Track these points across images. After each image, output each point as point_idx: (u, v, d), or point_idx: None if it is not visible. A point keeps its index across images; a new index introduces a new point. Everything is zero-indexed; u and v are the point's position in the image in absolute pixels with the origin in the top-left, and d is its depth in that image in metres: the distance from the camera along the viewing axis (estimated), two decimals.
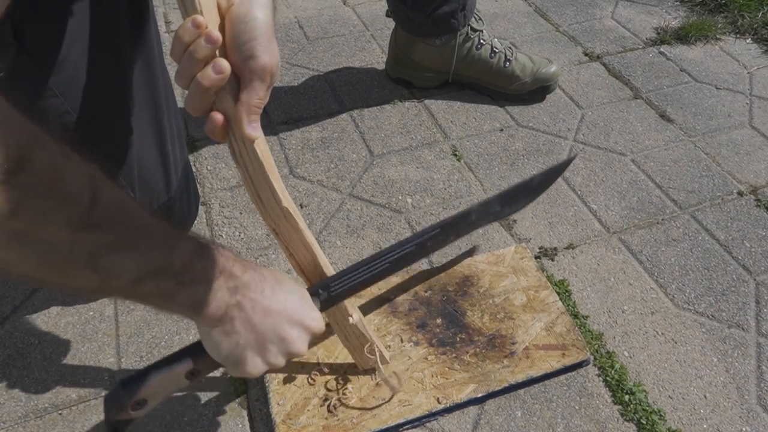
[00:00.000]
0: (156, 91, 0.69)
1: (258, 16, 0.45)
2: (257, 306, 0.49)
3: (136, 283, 0.41)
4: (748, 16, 1.40)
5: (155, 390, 0.51)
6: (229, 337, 0.49)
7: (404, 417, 0.66)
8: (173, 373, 0.51)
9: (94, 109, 0.61)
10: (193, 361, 0.52)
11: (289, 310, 0.52)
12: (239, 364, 0.50)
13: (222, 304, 0.47)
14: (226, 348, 0.49)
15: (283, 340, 0.51)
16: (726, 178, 1.02)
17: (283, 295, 0.52)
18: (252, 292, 0.49)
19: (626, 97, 1.20)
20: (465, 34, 1.11)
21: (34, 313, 0.78)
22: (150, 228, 0.42)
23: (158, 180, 0.71)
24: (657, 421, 0.69)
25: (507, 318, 0.77)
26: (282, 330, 0.51)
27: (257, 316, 0.49)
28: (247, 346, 0.49)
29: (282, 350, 0.52)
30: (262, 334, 0.50)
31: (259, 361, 0.51)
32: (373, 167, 1.02)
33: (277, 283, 0.52)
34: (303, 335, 0.53)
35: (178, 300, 0.45)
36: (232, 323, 0.48)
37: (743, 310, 0.81)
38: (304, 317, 0.53)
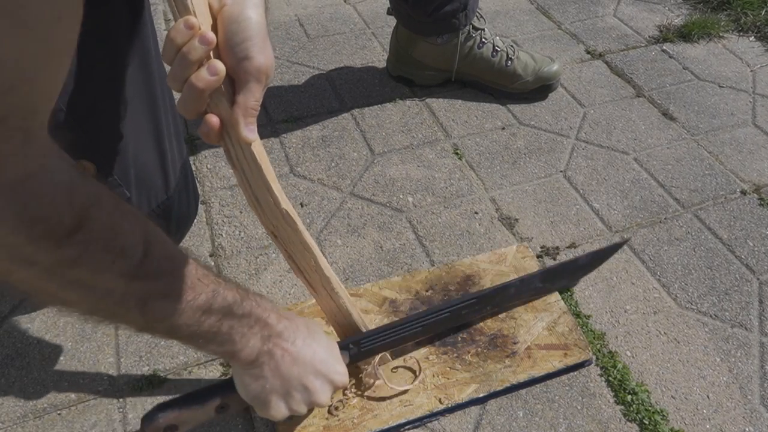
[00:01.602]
0: (153, 89, 0.68)
1: (251, 16, 0.45)
2: (287, 355, 0.53)
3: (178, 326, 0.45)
4: (752, 14, 1.39)
5: (186, 418, 0.56)
6: (257, 381, 0.52)
7: (405, 417, 0.66)
8: (205, 407, 0.56)
9: (88, 107, 0.61)
10: (223, 398, 0.57)
11: (316, 362, 0.55)
12: (264, 407, 0.54)
13: (254, 350, 0.51)
14: (253, 390, 0.53)
15: (307, 390, 0.54)
16: (729, 177, 1.01)
17: (313, 346, 0.55)
18: (284, 341, 0.53)
19: (629, 95, 1.19)
20: (467, 32, 1.11)
21: (33, 312, 0.77)
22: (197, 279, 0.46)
23: (156, 178, 0.70)
24: (659, 422, 0.68)
25: (509, 317, 0.76)
26: (307, 380, 0.54)
27: (286, 365, 0.53)
28: (273, 391, 0.53)
29: (305, 399, 0.55)
30: (288, 382, 0.53)
31: (283, 407, 0.54)
32: (374, 166, 1.02)
33: (309, 335, 0.56)
34: (326, 387, 0.56)
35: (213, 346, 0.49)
36: (261, 368, 0.52)
37: (746, 310, 0.81)
38: (330, 371, 0.56)
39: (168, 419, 0.55)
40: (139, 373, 0.71)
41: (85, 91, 0.60)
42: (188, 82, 0.45)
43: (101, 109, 0.63)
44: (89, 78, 0.60)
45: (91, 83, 0.60)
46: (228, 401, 0.57)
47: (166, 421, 0.55)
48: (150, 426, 0.55)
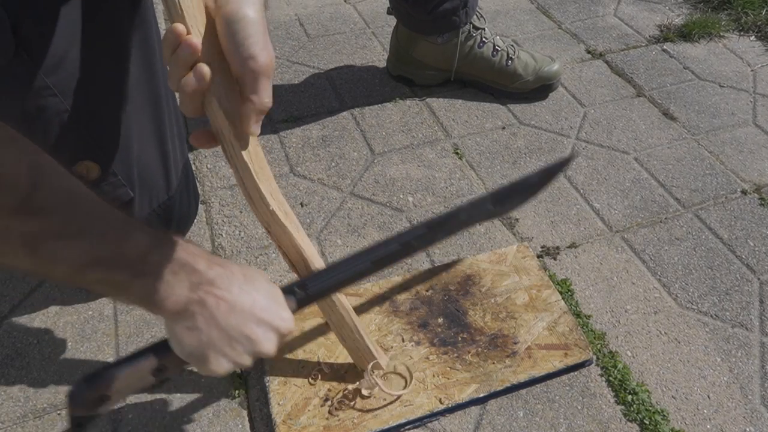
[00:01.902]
0: (156, 90, 0.68)
1: (249, 14, 0.45)
2: (222, 303, 0.48)
3: (81, 271, 0.40)
4: (752, 13, 1.39)
5: (119, 386, 0.49)
6: (191, 334, 0.47)
7: (405, 417, 0.66)
8: (138, 370, 0.50)
9: (93, 108, 0.61)
10: (158, 358, 0.50)
11: (256, 308, 0.50)
12: (203, 362, 0.49)
13: (181, 298, 0.46)
14: (188, 344, 0.48)
15: (249, 340, 0.50)
16: (730, 177, 1.01)
17: (252, 293, 0.50)
18: (217, 288, 0.48)
19: (629, 95, 1.19)
20: (467, 32, 1.11)
21: (33, 312, 0.77)
22: (101, 217, 0.41)
23: (158, 179, 0.70)
24: (660, 422, 0.68)
25: (509, 317, 0.76)
26: (248, 329, 0.50)
27: (222, 314, 0.48)
28: (210, 344, 0.48)
29: (248, 350, 0.50)
30: (226, 332, 0.48)
31: (224, 360, 0.49)
32: (374, 166, 1.02)
33: (247, 281, 0.51)
34: (270, 335, 0.51)
35: (132, 292, 0.44)
36: (194, 319, 0.47)
37: (747, 310, 0.81)
38: (273, 317, 0.51)
39: (98, 390, 0.48)
40: None
41: (89, 92, 0.60)
42: (179, 85, 0.46)
43: (105, 110, 0.63)
44: (93, 79, 0.60)
45: (95, 84, 0.60)
46: (165, 362, 0.51)
47: (97, 392, 0.48)
48: (78, 401, 0.49)
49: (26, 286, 0.80)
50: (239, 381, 0.71)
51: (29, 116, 0.57)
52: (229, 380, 0.71)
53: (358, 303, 0.77)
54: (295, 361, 0.70)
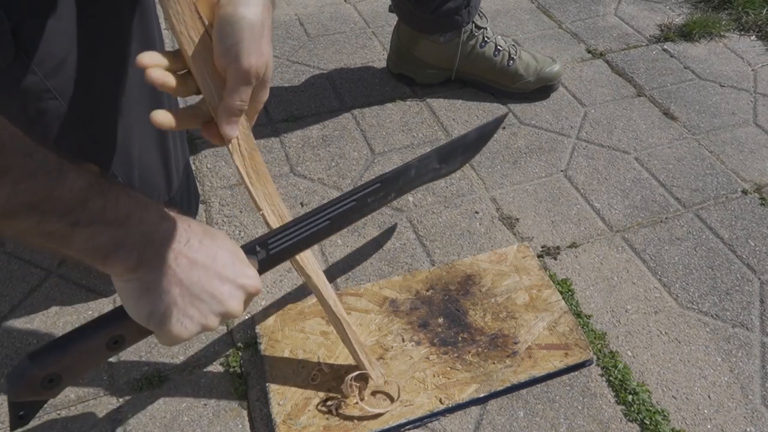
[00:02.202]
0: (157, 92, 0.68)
1: (245, 15, 0.44)
2: (181, 257, 0.44)
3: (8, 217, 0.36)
4: (753, 13, 1.39)
5: (71, 363, 0.44)
6: (148, 293, 0.43)
7: (406, 417, 0.66)
8: (93, 341, 0.44)
9: (93, 110, 0.61)
10: (113, 328, 0.45)
11: (220, 264, 0.46)
12: (165, 325, 0.44)
13: (133, 252, 0.41)
14: (146, 306, 0.43)
15: (214, 297, 0.45)
16: (730, 177, 1.01)
17: (213, 248, 0.46)
18: (174, 242, 0.44)
19: (629, 94, 1.19)
20: (469, 31, 1.10)
21: (33, 312, 0.77)
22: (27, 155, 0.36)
23: (159, 179, 0.70)
24: (660, 422, 0.68)
25: (509, 317, 0.76)
26: (212, 286, 0.45)
27: (181, 269, 0.43)
28: (171, 303, 0.43)
29: (214, 309, 0.46)
30: (188, 289, 0.44)
31: (188, 322, 0.45)
32: (375, 165, 1.01)
33: (207, 235, 0.47)
34: (237, 293, 0.47)
35: (75, 244, 0.39)
36: (150, 275, 0.42)
37: (747, 310, 0.81)
38: (237, 273, 0.47)
39: (47, 368, 0.42)
40: (138, 373, 0.71)
41: (89, 94, 0.60)
42: None
43: (105, 112, 0.63)
44: (93, 81, 0.60)
45: (95, 86, 0.60)
46: (121, 331, 0.45)
47: (45, 371, 0.42)
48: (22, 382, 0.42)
49: (26, 286, 0.80)
50: (239, 381, 0.71)
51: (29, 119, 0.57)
52: (229, 380, 0.71)
53: (358, 303, 0.77)
54: (295, 361, 0.70)
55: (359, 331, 0.74)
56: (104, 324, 0.45)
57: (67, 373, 0.44)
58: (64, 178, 0.38)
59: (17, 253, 0.84)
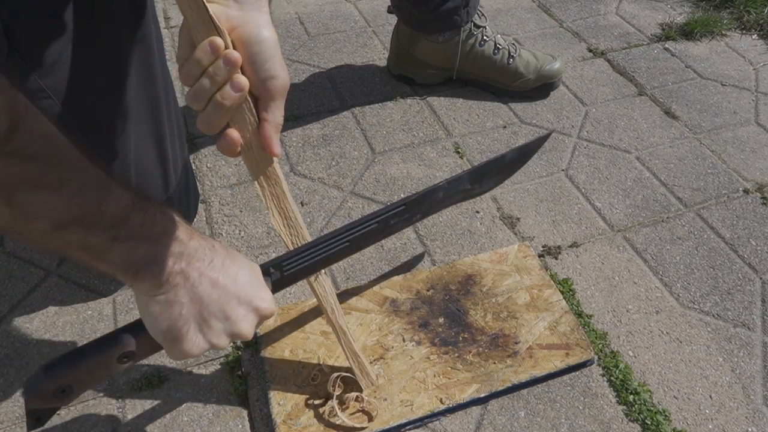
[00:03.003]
0: (155, 91, 0.68)
1: (267, 36, 0.46)
2: (204, 277, 0.45)
3: (59, 228, 0.37)
4: (754, 11, 1.39)
5: (82, 376, 0.46)
6: (171, 308, 0.44)
7: (406, 417, 0.66)
8: (104, 357, 0.46)
9: (89, 109, 0.60)
10: (126, 343, 0.47)
11: (239, 286, 0.48)
12: (178, 341, 0.46)
13: (164, 269, 0.43)
14: (166, 320, 0.45)
15: (229, 318, 0.47)
16: (732, 176, 1.01)
17: (234, 269, 0.48)
18: (199, 261, 0.45)
19: (631, 93, 1.19)
20: (468, 30, 1.10)
21: (32, 312, 0.77)
22: (82, 170, 0.38)
23: (156, 179, 0.70)
24: (662, 422, 0.68)
25: (510, 317, 0.76)
26: (229, 307, 0.47)
27: (203, 288, 0.45)
28: (189, 319, 0.45)
29: (226, 329, 0.48)
30: (207, 308, 0.46)
31: (201, 339, 0.47)
32: (375, 165, 1.01)
33: (228, 257, 0.48)
34: (250, 316, 0.49)
35: (112, 258, 0.41)
36: (175, 292, 0.44)
37: (749, 309, 0.80)
38: (254, 296, 0.49)
39: (58, 380, 0.44)
40: (138, 373, 0.71)
41: (85, 93, 0.59)
42: (213, 100, 0.46)
43: (101, 112, 0.62)
44: (90, 80, 0.59)
45: (90, 86, 0.60)
46: (132, 348, 0.47)
47: (57, 383, 0.44)
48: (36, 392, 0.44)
49: (25, 285, 0.80)
50: (239, 381, 0.71)
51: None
52: (229, 380, 0.71)
53: (359, 302, 0.77)
54: (296, 361, 0.70)
55: (359, 330, 0.73)
56: (116, 340, 0.47)
57: (78, 385, 0.46)
58: (111, 194, 0.40)
59: (17, 253, 0.84)
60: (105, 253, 0.40)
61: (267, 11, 0.48)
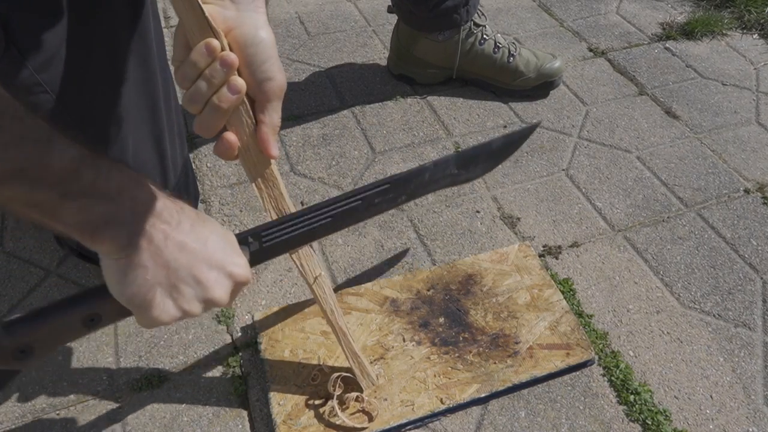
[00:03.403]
0: (154, 89, 0.68)
1: (264, 37, 0.46)
2: (171, 239, 0.43)
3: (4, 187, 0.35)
4: (755, 11, 1.39)
5: (44, 336, 0.43)
6: (134, 271, 0.42)
7: (406, 417, 0.65)
8: (68, 318, 0.44)
9: (86, 105, 0.60)
10: (92, 305, 0.45)
11: (209, 249, 0.45)
12: (146, 307, 0.43)
13: (123, 229, 0.40)
14: (130, 284, 0.42)
15: (200, 283, 0.45)
16: (732, 176, 1.01)
17: (204, 232, 0.45)
18: (165, 223, 0.43)
19: (631, 93, 1.19)
20: (468, 29, 1.10)
21: None
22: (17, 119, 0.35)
23: (154, 176, 0.70)
24: (662, 422, 0.68)
25: (510, 317, 0.76)
26: (199, 271, 0.44)
27: (170, 251, 0.43)
28: (155, 284, 0.43)
29: (198, 295, 0.45)
30: (174, 272, 0.43)
31: (170, 305, 0.44)
32: (375, 164, 1.01)
33: (199, 220, 0.46)
34: (224, 281, 0.46)
35: (64, 217, 0.38)
36: (138, 255, 0.42)
37: (750, 309, 0.80)
38: (226, 261, 0.46)
39: (19, 339, 0.42)
40: (138, 373, 0.71)
41: (83, 88, 0.59)
42: (210, 103, 0.46)
43: (99, 108, 0.62)
44: (87, 76, 0.59)
45: (88, 81, 0.59)
46: (99, 310, 0.45)
47: (17, 342, 0.42)
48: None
49: (25, 285, 0.80)
50: (239, 381, 0.71)
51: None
52: (229, 380, 0.71)
53: (359, 302, 0.77)
54: (296, 362, 0.70)
55: (360, 330, 0.73)
56: (82, 300, 0.45)
57: (40, 346, 0.44)
58: (54, 146, 0.37)
59: (16, 253, 0.84)
60: (55, 210, 0.38)
61: (264, 12, 0.47)
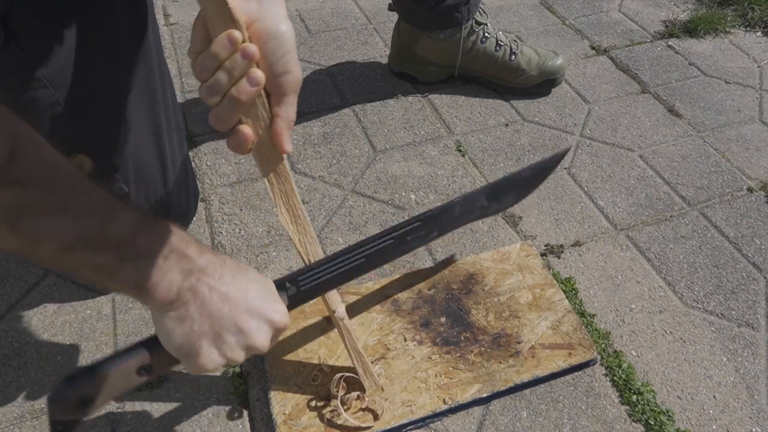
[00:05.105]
0: (153, 85, 0.67)
1: (285, 30, 0.46)
2: (214, 292, 0.46)
3: (67, 251, 0.39)
4: (759, 8, 1.38)
5: (102, 387, 0.47)
6: (182, 324, 0.46)
7: (408, 417, 0.65)
8: (123, 369, 0.48)
9: (85, 101, 0.60)
10: (144, 356, 0.48)
11: (250, 299, 0.48)
12: (193, 356, 0.47)
13: (173, 286, 0.44)
14: (179, 336, 0.46)
15: (242, 332, 0.48)
16: (735, 174, 1.00)
17: (244, 283, 0.49)
18: (209, 276, 0.46)
19: (634, 91, 1.18)
20: (469, 27, 1.09)
21: (30, 311, 0.77)
22: (85, 193, 0.39)
23: (155, 174, 0.70)
24: (665, 422, 0.68)
25: (512, 316, 0.75)
26: (241, 320, 0.48)
27: (214, 303, 0.46)
28: (201, 335, 0.46)
29: (241, 343, 0.48)
30: (219, 322, 0.47)
31: (215, 354, 0.47)
32: (376, 163, 1.01)
33: (239, 271, 0.49)
34: (264, 328, 0.49)
35: (121, 277, 0.42)
36: (186, 308, 0.45)
37: (753, 309, 0.80)
38: (266, 309, 0.49)
39: (80, 390, 0.46)
40: None
41: (83, 84, 0.59)
42: (228, 95, 0.45)
43: (99, 103, 0.62)
44: (87, 72, 0.59)
45: (87, 77, 0.59)
46: (150, 360, 0.49)
47: (79, 393, 0.46)
48: (59, 402, 0.47)
49: (24, 285, 0.80)
50: (239, 381, 0.70)
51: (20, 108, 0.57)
52: (229, 380, 0.70)
53: (359, 302, 0.76)
54: (296, 361, 0.70)
55: (360, 330, 0.73)
56: (135, 352, 0.48)
57: (99, 396, 0.47)
58: (115, 214, 0.41)
59: None
60: (114, 272, 0.42)
61: (284, 6, 0.47)
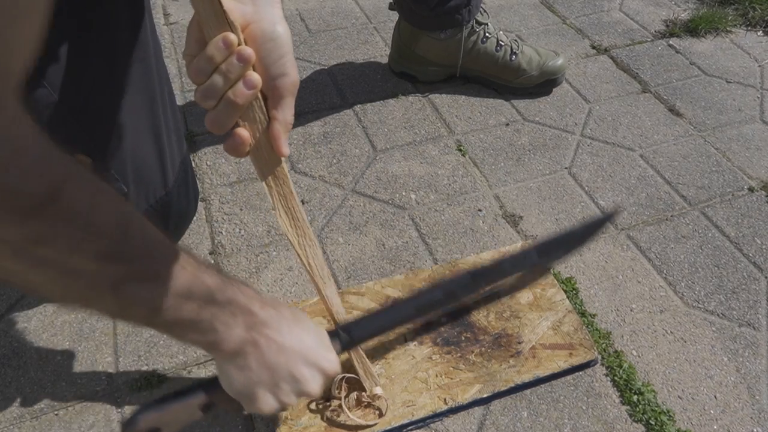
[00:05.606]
0: (151, 85, 0.67)
1: (282, 32, 0.46)
2: (272, 344, 0.50)
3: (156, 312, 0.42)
4: (760, 8, 1.38)
5: (169, 419, 0.53)
6: (242, 373, 0.50)
7: (408, 418, 0.65)
8: (188, 404, 0.53)
9: (84, 101, 0.60)
10: (208, 395, 0.54)
11: (304, 349, 0.52)
12: (251, 400, 0.51)
13: (238, 339, 0.48)
14: (238, 383, 0.50)
15: (296, 380, 0.52)
16: (736, 174, 1.00)
17: (299, 334, 0.53)
18: (268, 329, 0.50)
19: (635, 90, 1.18)
20: (470, 27, 1.09)
21: (30, 311, 0.76)
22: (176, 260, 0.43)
23: (154, 174, 0.69)
24: (666, 422, 0.67)
25: (513, 317, 0.75)
26: (295, 369, 0.51)
27: (272, 354, 0.50)
28: (259, 382, 0.50)
29: (294, 389, 0.52)
30: (275, 372, 0.50)
31: (271, 399, 0.51)
32: (376, 162, 1.00)
33: (295, 322, 0.53)
34: (316, 376, 0.53)
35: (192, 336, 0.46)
36: (246, 359, 0.49)
37: (754, 309, 0.80)
38: (319, 358, 0.53)
39: (149, 421, 0.52)
40: (137, 372, 0.70)
41: (81, 84, 0.59)
42: (224, 98, 0.45)
43: (98, 103, 0.62)
44: (86, 71, 0.59)
45: (87, 76, 0.59)
46: (213, 399, 0.54)
47: (148, 424, 0.53)
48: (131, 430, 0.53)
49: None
50: None
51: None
52: None
53: (360, 302, 0.76)
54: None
55: None
56: (199, 392, 0.54)
57: (166, 427, 0.53)
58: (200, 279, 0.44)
59: None
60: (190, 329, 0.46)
61: (280, 7, 0.47)
